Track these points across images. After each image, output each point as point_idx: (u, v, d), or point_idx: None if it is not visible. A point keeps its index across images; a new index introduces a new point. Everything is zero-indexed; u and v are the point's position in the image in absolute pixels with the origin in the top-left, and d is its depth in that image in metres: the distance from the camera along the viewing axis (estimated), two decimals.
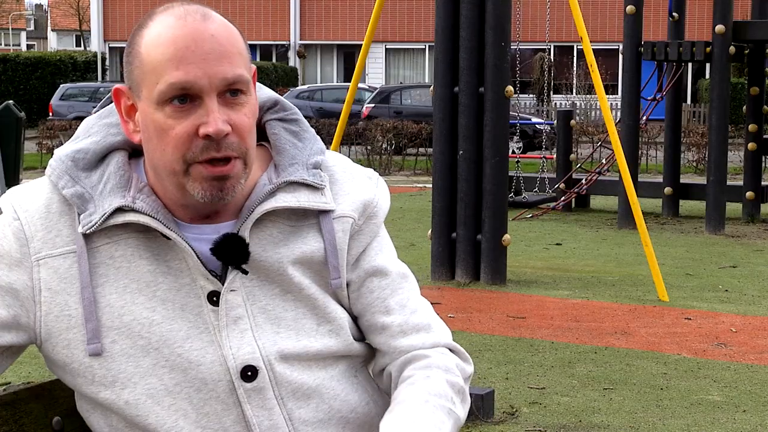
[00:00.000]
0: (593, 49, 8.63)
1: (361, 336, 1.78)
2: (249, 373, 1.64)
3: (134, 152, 1.71)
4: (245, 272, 1.65)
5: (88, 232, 1.62)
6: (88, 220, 1.62)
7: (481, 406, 4.92)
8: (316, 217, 1.70)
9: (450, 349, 1.78)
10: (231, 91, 1.60)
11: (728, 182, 12.36)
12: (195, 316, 1.64)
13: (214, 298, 1.65)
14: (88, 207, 1.63)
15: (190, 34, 1.58)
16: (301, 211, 1.70)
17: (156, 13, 1.62)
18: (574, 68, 34.73)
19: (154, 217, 1.62)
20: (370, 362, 1.81)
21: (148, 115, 1.60)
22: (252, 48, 37.29)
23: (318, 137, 1.77)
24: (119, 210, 1.62)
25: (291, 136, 1.74)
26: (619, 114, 14.03)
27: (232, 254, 1.64)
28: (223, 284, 1.65)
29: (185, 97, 1.58)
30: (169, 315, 1.64)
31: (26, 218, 1.64)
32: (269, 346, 1.66)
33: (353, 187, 1.75)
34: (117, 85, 1.67)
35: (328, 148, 1.79)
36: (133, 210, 1.62)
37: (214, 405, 1.64)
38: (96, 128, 1.71)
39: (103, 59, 38.28)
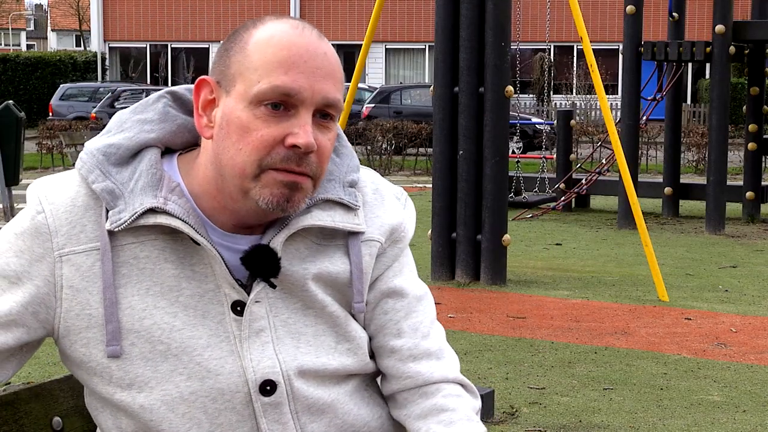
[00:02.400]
0: (593, 49, 8.63)
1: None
2: (268, 387, 1.62)
3: (166, 150, 1.69)
4: (273, 286, 1.63)
5: (116, 230, 1.59)
6: (117, 217, 1.59)
7: (481, 407, 4.92)
8: (344, 237, 1.69)
9: (460, 385, 1.76)
10: (323, 114, 1.58)
11: (728, 182, 12.36)
12: (216, 324, 1.62)
13: (238, 307, 1.62)
14: (117, 204, 1.60)
15: (306, 45, 1.57)
16: (330, 230, 1.68)
17: (268, 19, 1.61)
18: (574, 68, 34.72)
19: (185, 221, 1.59)
20: (379, 377, 1.80)
21: (234, 111, 1.57)
22: None
23: (354, 153, 1.76)
24: (150, 210, 1.59)
25: None
26: (619, 114, 14.04)
27: (262, 266, 1.61)
28: (248, 294, 1.62)
29: (279, 105, 1.55)
30: (191, 321, 1.61)
31: (51, 211, 1.60)
32: (289, 361, 1.64)
33: (383, 210, 1.73)
34: (203, 76, 1.64)
35: None
36: (164, 212, 1.59)
37: (229, 416, 1.62)
38: (129, 123, 1.68)
39: (103, 59, 38.27)
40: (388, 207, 1.74)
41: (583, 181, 13.45)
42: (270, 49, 1.57)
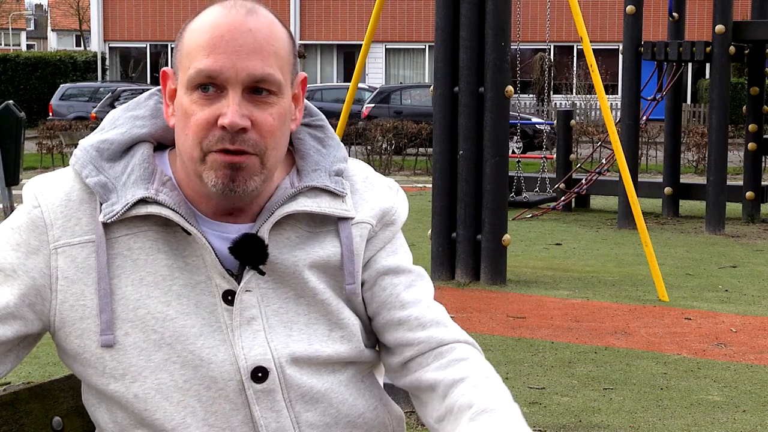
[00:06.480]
0: (593, 49, 8.62)
1: (371, 343, 1.78)
2: (259, 374, 1.64)
3: (158, 145, 1.72)
4: (262, 273, 1.65)
5: (109, 221, 1.62)
6: (110, 209, 1.63)
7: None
8: (334, 224, 1.71)
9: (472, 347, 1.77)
10: (257, 89, 1.60)
11: (728, 182, 12.36)
12: (209, 314, 1.65)
13: (229, 297, 1.65)
14: (110, 197, 1.63)
15: (228, 24, 1.60)
16: (320, 217, 1.70)
17: (212, 4, 1.65)
18: (574, 68, 34.72)
19: (176, 211, 1.62)
20: (378, 368, 1.81)
21: (180, 98, 1.62)
22: None
23: (342, 145, 1.78)
24: (142, 201, 1.62)
25: (315, 142, 1.75)
26: (619, 114, 14.04)
27: (250, 254, 1.64)
28: (239, 284, 1.65)
29: (209, 86, 1.59)
30: (184, 311, 1.63)
31: (47, 205, 1.64)
32: (281, 349, 1.66)
33: (373, 195, 1.75)
34: (165, 68, 1.69)
35: None
36: (156, 202, 1.62)
37: (223, 404, 1.64)
38: (122, 120, 1.72)
39: (103, 59, 38.27)
40: (378, 192, 1.76)
41: (583, 181, 13.45)
42: (196, 35, 1.61)
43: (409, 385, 1.75)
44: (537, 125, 22.87)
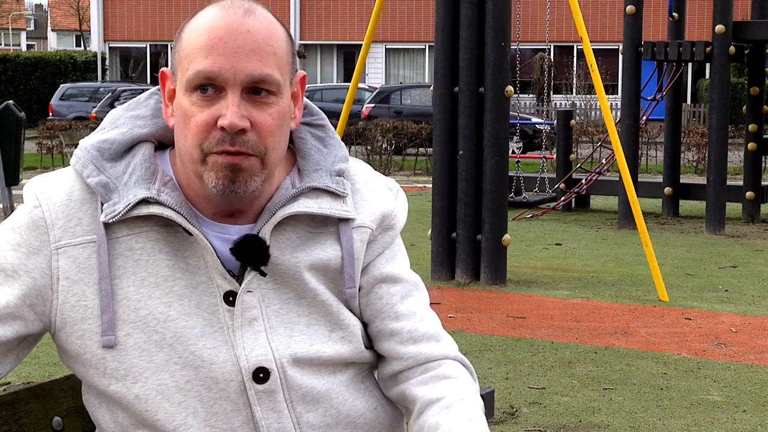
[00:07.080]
0: (593, 49, 8.62)
1: (371, 344, 1.78)
2: (261, 374, 1.64)
3: (159, 145, 1.72)
4: (264, 274, 1.65)
5: (110, 221, 1.62)
6: (111, 209, 1.62)
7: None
8: (335, 225, 1.71)
9: (461, 364, 1.78)
10: (256, 90, 1.60)
11: (728, 182, 12.36)
12: (210, 315, 1.64)
13: (230, 297, 1.65)
14: (112, 197, 1.63)
15: (226, 26, 1.59)
16: (321, 218, 1.70)
17: (209, 5, 1.65)
18: (574, 68, 34.71)
19: (177, 212, 1.62)
20: (376, 368, 1.81)
21: (179, 99, 1.62)
22: None
23: (342, 144, 1.78)
24: (143, 201, 1.62)
25: (316, 142, 1.75)
26: (619, 114, 14.04)
27: (251, 255, 1.64)
28: (240, 285, 1.65)
29: (209, 87, 1.59)
30: (185, 311, 1.63)
31: (48, 206, 1.63)
32: (282, 349, 1.66)
33: (373, 197, 1.75)
34: (163, 68, 1.69)
35: None
36: (158, 203, 1.62)
37: (224, 405, 1.64)
38: (122, 120, 1.71)
39: (103, 59, 38.26)
40: (378, 195, 1.76)
41: (583, 181, 13.45)
42: (194, 35, 1.61)
43: (396, 397, 1.77)
44: (537, 125, 22.87)
